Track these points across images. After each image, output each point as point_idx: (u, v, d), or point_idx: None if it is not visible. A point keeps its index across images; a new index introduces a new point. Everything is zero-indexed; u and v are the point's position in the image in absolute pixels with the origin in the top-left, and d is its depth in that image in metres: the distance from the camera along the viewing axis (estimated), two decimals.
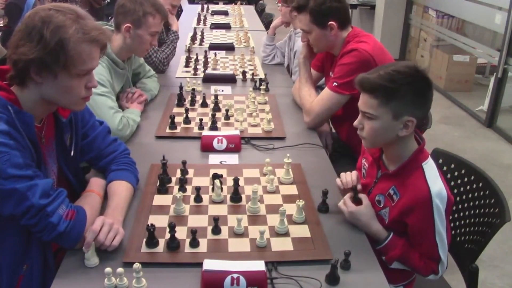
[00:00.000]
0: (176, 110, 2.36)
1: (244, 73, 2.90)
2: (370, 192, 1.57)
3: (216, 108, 2.35)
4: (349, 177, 1.56)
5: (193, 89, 2.52)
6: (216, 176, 1.63)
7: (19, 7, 4.10)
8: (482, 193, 1.64)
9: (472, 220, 1.66)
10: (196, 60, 3.19)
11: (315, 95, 2.28)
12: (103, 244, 1.30)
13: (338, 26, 2.18)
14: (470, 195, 1.70)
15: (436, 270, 1.45)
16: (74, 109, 1.42)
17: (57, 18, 1.24)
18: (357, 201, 1.51)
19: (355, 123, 1.47)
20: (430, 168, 1.44)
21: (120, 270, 1.19)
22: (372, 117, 1.40)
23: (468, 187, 1.71)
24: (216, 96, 2.45)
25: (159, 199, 1.60)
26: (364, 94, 1.42)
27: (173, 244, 1.35)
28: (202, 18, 4.70)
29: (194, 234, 1.35)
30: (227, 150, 1.97)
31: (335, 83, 2.13)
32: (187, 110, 2.22)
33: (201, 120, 2.15)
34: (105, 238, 1.30)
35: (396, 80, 1.36)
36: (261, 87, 2.60)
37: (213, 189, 1.62)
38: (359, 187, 1.54)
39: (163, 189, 1.64)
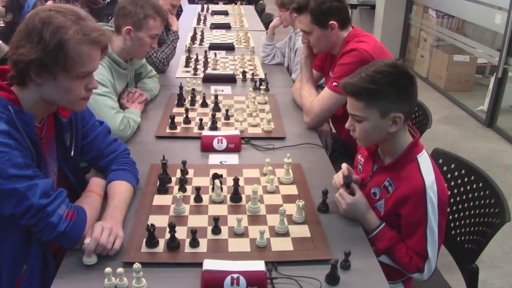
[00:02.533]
0: (176, 110, 2.36)
1: (244, 73, 2.90)
2: (366, 186, 1.59)
3: (216, 108, 2.35)
4: (340, 175, 1.58)
5: (193, 89, 2.53)
6: (216, 176, 1.63)
7: (20, 4, 4.15)
8: (482, 193, 1.64)
9: (472, 220, 1.66)
10: (196, 60, 3.19)
11: (316, 95, 2.28)
12: (105, 248, 1.29)
13: (338, 26, 2.19)
14: (470, 195, 1.70)
15: (421, 268, 1.44)
16: (74, 109, 1.42)
17: (57, 19, 1.24)
18: (349, 190, 1.54)
19: (346, 125, 1.52)
20: (424, 160, 1.46)
21: (120, 270, 1.18)
22: (360, 119, 1.45)
23: (468, 187, 1.72)
24: (216, 96, 2.45)
25: (159, 199, 1.60)
26: (350, 98, 1.46)
27: (173, 244, 1.35)
28: (202, 18, 4.70)
29: (194, 234, 1.35)
30: (227, 150, 1.97)
31: (334, 83, 2.13)
32: (187, 110, 2.22)
33: (201, 120, 2.16)
34: (107, 242, 1.29)
35: (377, 81, 1.39)
36: (261, 87, 2.61)
37: (213, 189, 1.62)
38: (354, 177, 1.57)
39: (163, 189, 1.64)
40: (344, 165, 1.60)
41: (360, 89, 1.41)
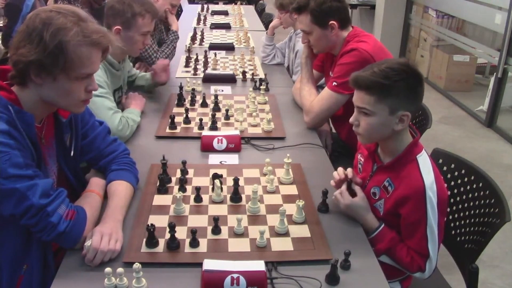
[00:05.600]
0: (176, 110, 2.36)
1: (244, 73, 2.90)
2: (366, 186, 1.59)
3: (216, 108, 2.36)
4: (341, 172, 1.57)
5: (193, 89, 2.53)
6: (216, 176, 1.63)
7: (18, 7, 4.11)
8: (482, 193, 1.64)
9: (472, 220, 1.66)
10: (196, 60, 3.19)
11: (316, 95, 2.28)
12: (106, 255, 1.29)
13: (338, 26, 2.19)
14: (470, 195, 1.70)
15: (423, 267, 1.45)
16: (73, 111, 1.41)
17: (57, 20, 1.24)
18: (352, 193, 1.53)
19: (351, 119, 1.50)
20: (424, 160, 1.47)
21: (120, 270, 1.19)
22: (369, 113, 1.44)
23: (468, 187, 1.72)
24: (216, 96, 2.45)
25: (159, 199, 1.60)
26: (360, 91, 1.45)
27: (173, 244, 1.35)
28: (202, 18, 4.70)
29: (194, 234, 1.35)
30: (227, 150, 1.97)
31: (334, 83, 2.13)
32: (187, 110, 2.22)
33: (201, 120, 2.16)
34: (107, 248, 1.29)
35: (390, 77, 1.39)
36: (261, 87, 2.61)
37: (213, 189, 1.62)
38: (358, 181, 1.56)
39: (163, 189, 1.64)
40: (349, 170, 1.59)
41: (372, 83, 1.40)
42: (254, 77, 2.87)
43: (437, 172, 1.46)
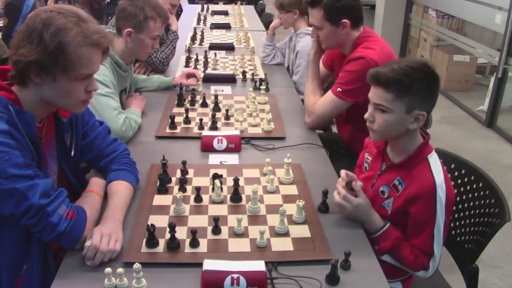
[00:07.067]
0: (176, 110, 2.36)
1: (244, 73, 2.90)
2: (374, 184, 1.58)
3: (216, 108, 2.36)
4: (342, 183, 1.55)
5: (193, 89, 2.53)
6: (216, 176, 1.63)
7: (18, 7, 4.11)
8: (482, 193, 1.64)
9: (472, 220, 1.67)
10: (196, 60, 3.19)
11: (320, 96, 2.26)
12: (105, 256, 1.29)
13: (350, 25, 2.14)
14: (470, 195, 1.70)
15: (426, 266, 1.45)
16: (73, 111, 1.41)
17: (58, 21, 1.24)
18: (351, 194, 1.52)
19: (366, 115, 1.49)
20: (434, 161, 1.47)
21: (120, 270, 1.19)
22: (386, 110, 1.43)
23: (468, 187, 1.72)
24: (216, 96, 2.45)
25: (159, 199, 1.60)
26: (378, 88, 1.44)
27: (173, 244, 1.35)
28: (202, 18, 4.70)
29: (194, 234, 1.35)
30: (227, 150, 1.97)
31: (339, 89, 2.11)
32: (187, 110, 2.22)
33: (201, 120, 2.16)
34: (106, 248, 1.29)
35: (410, 75, 1.39)
36: (261, 87, 2.60)
37: (213, 189, 1.62)
38: (359, 183, 1.55)
39: (163, 189, 1.64)
40: (343, 171, 1.57)
41: (393, 80, 1.40)
42: (254, 77, 2.87)
43: (445, 172, 1.47)
